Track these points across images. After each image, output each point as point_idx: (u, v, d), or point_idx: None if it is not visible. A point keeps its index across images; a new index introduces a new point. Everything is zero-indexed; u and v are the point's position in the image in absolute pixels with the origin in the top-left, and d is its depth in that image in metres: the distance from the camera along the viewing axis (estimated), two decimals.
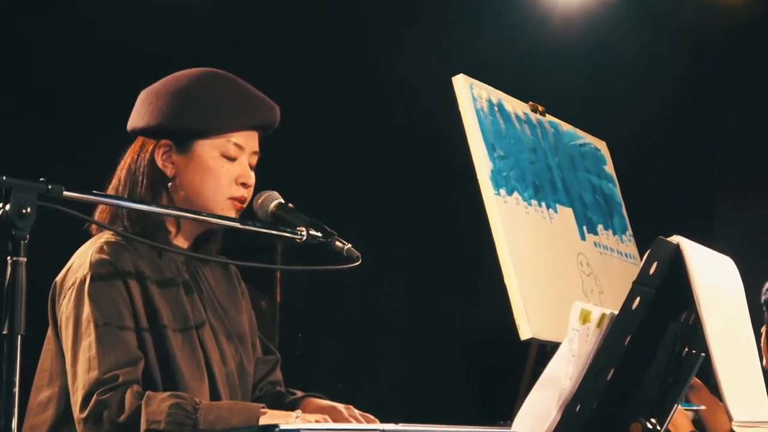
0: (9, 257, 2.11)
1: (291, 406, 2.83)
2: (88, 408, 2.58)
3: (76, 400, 2.62)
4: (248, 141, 2.91)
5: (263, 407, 2.63)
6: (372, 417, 2.77)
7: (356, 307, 6.36)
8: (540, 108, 4.54)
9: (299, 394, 3.05)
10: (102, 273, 2.71)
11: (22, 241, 2.12)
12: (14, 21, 5.14)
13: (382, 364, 6.39)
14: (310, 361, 6.12)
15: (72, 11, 5.26)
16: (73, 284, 2.72)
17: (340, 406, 2.81)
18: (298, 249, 2.89)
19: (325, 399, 2.96)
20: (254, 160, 2.95)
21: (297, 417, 2.58)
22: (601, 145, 4.96)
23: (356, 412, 2.77)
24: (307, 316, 6.33)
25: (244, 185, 2.90)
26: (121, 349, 2.66)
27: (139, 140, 2.92)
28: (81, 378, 2.63)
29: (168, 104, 2.86)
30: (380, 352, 6.41)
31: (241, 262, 2.96)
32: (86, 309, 2.67)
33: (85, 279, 2.70)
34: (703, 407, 3.79)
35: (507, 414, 4.29)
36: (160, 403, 2.56)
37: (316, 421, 2.58)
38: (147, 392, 2.60)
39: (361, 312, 6.37)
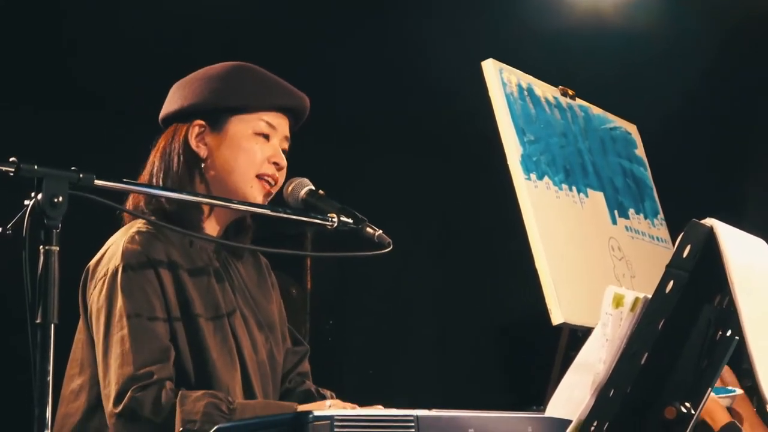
0: (41, 246, 2.12)
1: None
2: (122, 404, 2.59)
3: (109, 393, 2.63)
4: (280, 123, 2.96)
5: (297, 406, 2.64)
6: None
7: (387, 294, 6.36)
8: (570, 92, 4.52)
9: (328, 394, 3.06)
10: (134, 263, 2.72)
11: (54, 230, 2.13)
12: (44, 11, 5.15)
13: (413, 350, 6.39)
14: (341, 348, 6.12)
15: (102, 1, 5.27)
16: (105, 274, 2.73)
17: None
18: (328, 237, 2.90)
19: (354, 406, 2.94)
20: (285, 145, 2.99)
21: (330, 406, 2.59)
22: (632, 129, 4.93)
23: None
24: (337, 303, 6.33)
25: (276, 165, 2.93)
26: (154, 344, 2.67)
27: (172, 127, 2.97)
28: (114, 372, 2.64)
29: (201, 86, 2.93)
30: (411, 339, 6.41)
31: (272, 249, 2.96)
32: (119, 301, 2.68)
33: (117, 270, 2.71)
34: (739, 391, 3.73)
35: (539, 399, 4.29)
36: (195, 402, 2.57)
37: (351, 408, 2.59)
38: (181, 390, 2.61)
39: (391, 298, 6.37)
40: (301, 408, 2.60)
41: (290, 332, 3.14)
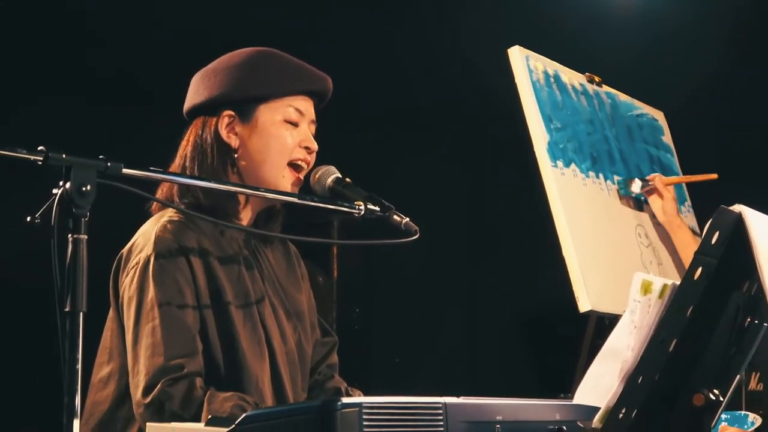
0: (70, 235, 2.13)
1: None
2: (152, 395, 2.59)
3: (138, 383, 2.64)
4: (307, 107, 2.98)
5: None
6: None
7: (413, 282, 6.36)
8: (596, 79, 4.50)
9: (357, 393, 3.06)
10: (165, 252, 2.72)
11: (83, 219, 2.14)
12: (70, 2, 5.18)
13: (439, 338, 6.38)
14: (367, 337, 6.13)
15: None
16: (136, 263, 2.74)
17: None
18: (354, 225, 2.90)
19: None
20: (313, 128, 3.00)
21: None
22: (659, 116, 4.92)
23: None
24: (364, 292, 6.33)
25: (308, 149, 2.94)
26: (185, 335, 2.68)
27: (199, 119, 2.96)
28: (144, 362, 2.64)
29: (227, 76, 2.92)
30: (438, 327, 6.41)
31: (300, 237, 2.96)
32: (150, 290, 2.69)
33: (149, 259, 2.72)
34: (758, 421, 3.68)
35: (565, 387, 4.29)
36: (222, 402, 2.57)
37: None
38: (210, 389, 2.62)
39: (418, 287, 6.36)
40: None
41: (319, 323, 3.14)
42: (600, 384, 2.13)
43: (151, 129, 4.42)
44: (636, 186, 4.36)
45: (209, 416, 2.50)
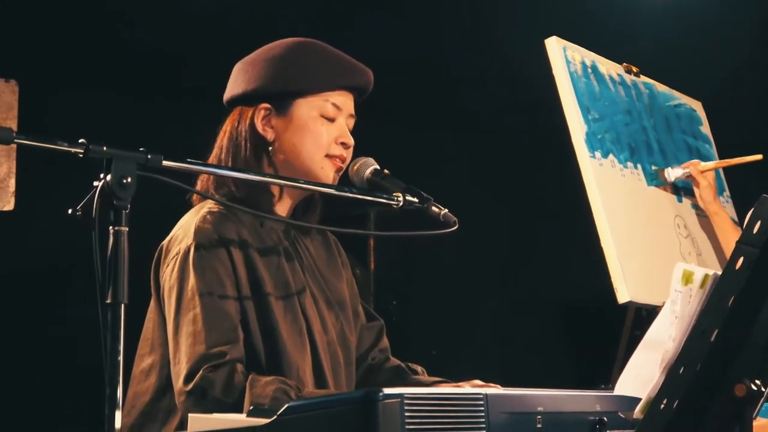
0: (111, 227, 2.13)
1: (415, 386, 2.82)
2: (194, 382, 2.60)
3: (179, 371, 2.64)
4: (345, 102, 2.95)
5: None
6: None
7: (450, 274, 6.35)
8: (634, 69, 4.49)
9: (419, 369, 3.06)
10: (206, 242, 2.73)
11: (124, 211, 2.14)
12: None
13: (477, 330, 6.38)
14: (404, 329, 6.13)
15: None
16: (177, 254, 2.74)
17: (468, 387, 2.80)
18: (391, 218, 2.90)
19: (451, 383, 2.94)
20: (351, 123, 2.98)
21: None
22: (697, 106, 4.89)
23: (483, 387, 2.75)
24: (401, 284, 6.33)
25: (344, 145, 2.93)
26: (226, 323, 2.68)
27: (237, 110, 2.96)
28: (185, 350, 2.64)
29: (265, 69, 2.91)
30: (475, 318, 6.41)
31: (339, 229, 2.96)
32: (191, 280, 2.69)
33: (189, 249, 2.72)
34: None
35: (603, 377, 4.28)
36: (264, 386, 2.57)
37: None
38: (251, 374, 2.62)
39: (455, 278, 6.36)
40: None
41: (363, 308, 3.14)
42: (641, 375, 2.13)
43: (183, 120, 4.45)
44: (671, 174, 4.35)
45: (252, 402, 2.51)
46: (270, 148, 2.92)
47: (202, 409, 2.55)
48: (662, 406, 2.05)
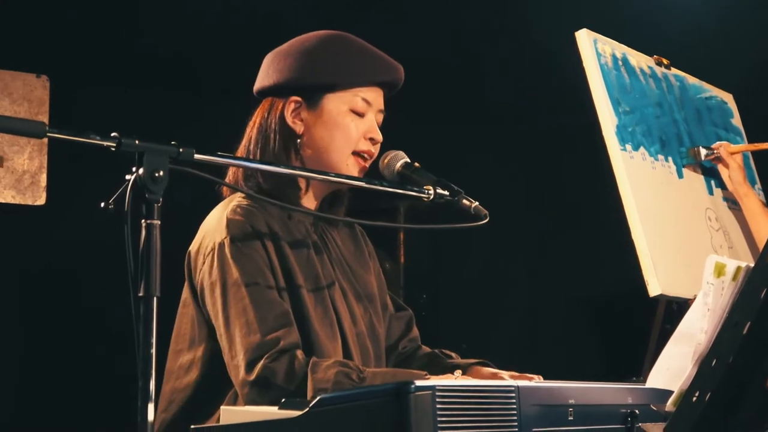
0: (143, 220, 2.14)
1: (451, 371, 2.82)
2: (255, 372, 2.59)
3: (238, 363, 2.63)
4: (375, 97, 2.95)
5: (426, 375, 2.63)
6: (535, 377, 2.75)
7: (481, 267, 6.35)
8: (665, 61, 4.47)
9: (455, 356, 3.05)
10: (239, 234, 2.73)
11: (156, 204, 2.15)
12: None
13: (507, 322, 6.38)
14: (434, 322, 6.13)
15: None
16: (212, 249, 2.74)
17: (504, 374, 2.80)
18: (421, 211, 2.89)
19: (490, 366, 2.94)
20: (380, 118, 2.98)
21: (457, 378, 2.58)
22: (728, 98, 4.87)
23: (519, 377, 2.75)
24: (431, 277, 6.33)
25: (372, 140, 2.93)
26: (276, 309, 2.68)
27: (267, 101, 2.96)
28: (241, 342, 2.64)
29: (297, 61, 2.91)
30: (505, 311, 6.40)
31: (369, 222, 2.96)
32: (233, 272, 2.69)
33: (224, 242, 2.72)
34: None
35: (633, 370, 4.27)
36: (326, 370, 2.57)
37: None
38: (312, 358, 2.62)
39: (485, 271, 6.36)
40: (432, 378, 2.58)
41: (392, 299, 3.14)
42: (673, 367, 2.12)
43: (217, 115, 4.45)
44: (702, 152, 4.33)
45: (314, 387, 2.51)
46: (298, 141, 2.91)
47: (266, 398, 2.55)
48: (694, 398, 2.04)
